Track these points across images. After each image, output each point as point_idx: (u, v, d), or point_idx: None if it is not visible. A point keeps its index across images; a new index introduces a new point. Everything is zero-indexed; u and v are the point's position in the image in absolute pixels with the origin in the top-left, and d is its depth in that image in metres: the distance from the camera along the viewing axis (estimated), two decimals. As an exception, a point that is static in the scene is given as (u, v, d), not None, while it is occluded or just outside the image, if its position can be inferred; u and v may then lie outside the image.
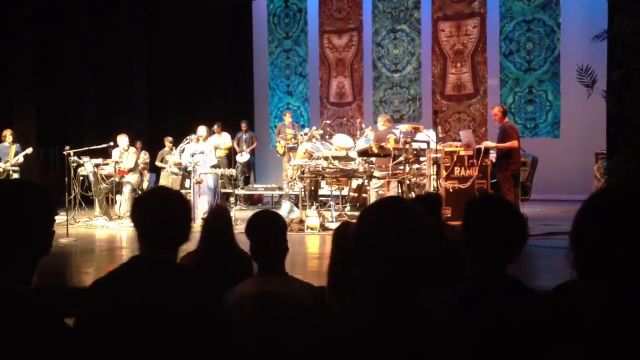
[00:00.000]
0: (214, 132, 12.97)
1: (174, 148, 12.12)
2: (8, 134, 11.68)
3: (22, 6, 12.74)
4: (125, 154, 10.84)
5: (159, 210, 2.18)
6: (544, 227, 8.93)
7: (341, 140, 10.23)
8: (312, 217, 8.96)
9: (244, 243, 3.05)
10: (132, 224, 2.24)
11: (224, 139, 13.50)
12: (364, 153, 9.40)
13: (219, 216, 3.76)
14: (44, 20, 13.30)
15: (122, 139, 10.84)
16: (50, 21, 13.47)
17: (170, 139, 12.97)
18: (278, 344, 2.45)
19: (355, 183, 10.50)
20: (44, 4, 13.18)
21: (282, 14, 15.63)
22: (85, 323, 2.11)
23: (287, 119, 13.30)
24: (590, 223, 1.66)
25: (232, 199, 10.83)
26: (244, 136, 13.90)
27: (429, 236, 1.58)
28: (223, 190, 10.73)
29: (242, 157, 13.72)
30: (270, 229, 2.81)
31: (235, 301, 2.58)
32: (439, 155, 8.70)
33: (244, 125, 13.96)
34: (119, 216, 10.71)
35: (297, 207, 9.89)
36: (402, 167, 8.92)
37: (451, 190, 8.34)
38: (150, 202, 2.26)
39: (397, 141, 9.36)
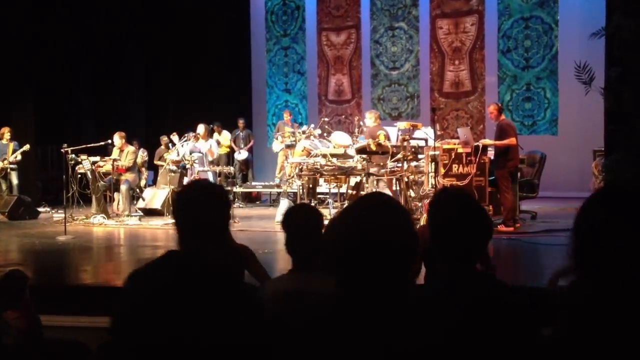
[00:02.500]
0: (213, 131, 12.98)
1: (170, 145, 12.12)
2: (6, 131, 11.68)
3: (20, 5, 12.71)
4: (121, 152, 10.82)
5: (198, 204, 2.13)
6: (542, 224, 8.95)
7: (339, 138, 10.22)
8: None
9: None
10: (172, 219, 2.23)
11: (224, 137, 13.50)
12: (362, 151, 9.39)
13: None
14: (42, 18, 13.28)
15: (115, 138, 10.84)
16: (48, 19, 13.46)
17: (165, 138, 12.95)
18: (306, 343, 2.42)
19: (353, 180, 10.49)
20: (42, 3, 13.17)
21: (280, 12, 15.61)
22: (121, 319, 2.11)
23: (286, 117, 13.31)
24: (591, 222, 1.65)
25: (230, 197, 10.82)
26: (241, 134, 13.89)
27: (408, 234, 1.57)
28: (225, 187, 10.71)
29: (240, 155, 13.72)
30: (308, 222, 2.74)
31: (268, 297, 2.52)
32: (437, 152, 8.70)
33: (241, 123, 13.95)
34: (116, 214, 10.71)
35: (292, 205, 9.88)
36: (399, 165, 8.92)
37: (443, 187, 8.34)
38: (190, 196, 2.21)
39: (387, 137, 9.38)
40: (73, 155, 10.33)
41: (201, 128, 11.25)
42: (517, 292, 2.04)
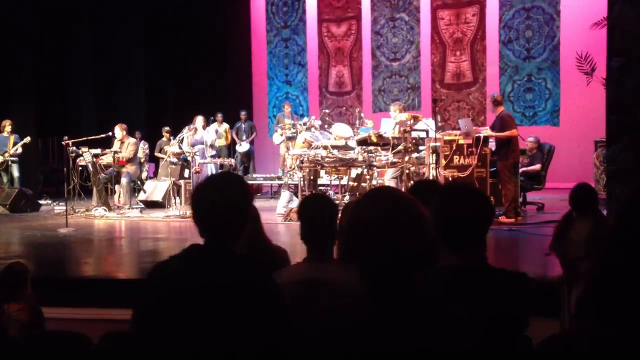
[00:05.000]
0: (214, 121, 12.97)
1: (171, 138, 12.11)
2: (7, 124, 11.67)
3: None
4: (122, 144, 10.81)
5: (218, 197, 2.12)
6: (543, 215, 8.95)
7: (340, 130, 10.21)
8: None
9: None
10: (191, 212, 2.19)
11: (223, 128, 13.49)
12: (363, 142, 9.39)
13: None
14: (44, 9, 13.25)
15: (117, 130, 10.83)
16: (49, 10, 13.42)
17: (167, 129, 12.96)
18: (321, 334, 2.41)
19: (354, 172, 10.49)
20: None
21: (280, 3, 15.56)
22: (143, 311, 2.11)
23: (287, 109, 13.30)
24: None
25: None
26: (243, 126, 13.87)
27: (421, 226, 1.56)
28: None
29: (242, 147, 13.71)
30: (324, 212, 2.73)
31: (284, 285, 2.52)
32: (438, 144, 8.68)
33: (243, 115, 13.94)
34: (117, 206, 10.72)
35: (297, 196, 9.88)
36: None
37: (450, 178, 8.33)
38: (210, 188, 2.19)
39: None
40: (74, 148, 10.32)
41: (200, 120, 11.22)
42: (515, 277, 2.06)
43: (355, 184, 10.70)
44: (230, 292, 2.01)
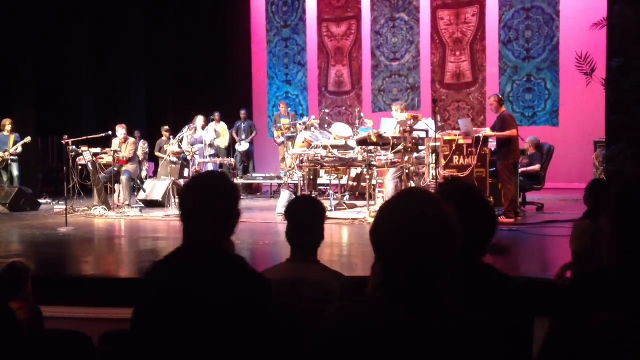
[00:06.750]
0: (212, 120, 12.97)
1: (171, 137, 12.11)
2: (7, 123, 11.67)
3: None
4: (123, 144, 10.83)
5: (205, 196, 2.14)
6: (543, 216, 8.96)
7: (340, 129, 10.21)
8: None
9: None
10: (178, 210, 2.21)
11: (221, 127, 13.48)
12: (362, 142, 9.39)
13: None
14: (43, 8, 13.24)
15: (120, 130, 10.83)
16: (49, 10, 13.42)
17: (167, 128, 12.96)
18: (302, 332, 2.44)
19: (354, 172, 10.50)
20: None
21: (280, 2, 15.56)
22: (141, 311, 2.14)
23: (282, 108, 13.32)
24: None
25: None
26: (243, 125, 13.87)
27: (453, 232, 1.54)
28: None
29: (241, 147, 13.70)
30: (310, 213, 2.77)
31: None
32: (438, 144, 8.69)
33: (243, 114, 13.93)
34: (117, 205, 10.72)
35: (296, 196, 9.89)
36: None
37: (450, 179, 8.33)
38: (197, 187, 2.21)
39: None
40: (74, 147, 10.32)
41: (200, 119, 11.23)
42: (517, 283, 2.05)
43: (355, 183, 10.72)
44: (225, 293, 2.02)
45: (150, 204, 10.90)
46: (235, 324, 2.00)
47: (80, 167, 10.60)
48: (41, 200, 11.88)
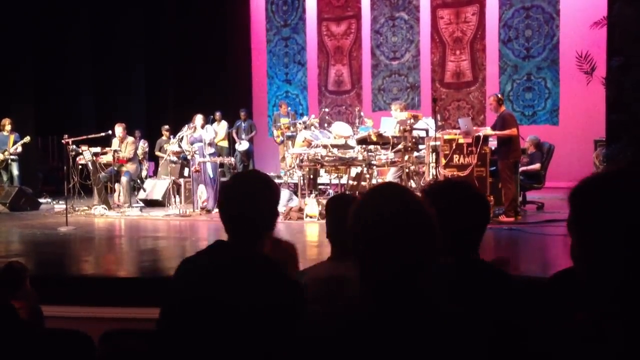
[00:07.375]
0: (213, 120, 12.96)
1: (171, 136, 12.11)
2: (7, 123, 11.67)
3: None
4: (122, 143, 10.82)
5: (244, 196, 2.11)
6: (543, 214, 8.95)
7: (340, 129, 10.21)
8: (311, 205, 8.96)
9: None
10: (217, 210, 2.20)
11: (221, 127, 13.48)
12: (362, 141, 9.39)
13: None
14: (42, 7, 13.24)
15: (117, 129, 10.83)
16: (48, 9, 13.41)
17: (167, 127, 12.96)
18: None
19: (354, 171, 10.49)
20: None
21: (280, 2, 15.56)
22: (168, 307, 2.11)
23: (283, 108, 13.32)
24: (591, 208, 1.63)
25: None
26: (243, 125, 13.87)
27: (429, 225, 1.55)
28: (222, 179, 10.72)
29: (241, 146, 13.70)
30: (347, 212, 2.78)
31: (305, 284, 2.52)
32: (438, 143, 8.68)
33: (242, 114, 13.93)
34: (117, 205, 10.72)
35: (296, 195, 9.88)
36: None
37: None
38: (236, 187, 2.18)
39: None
40: (74, 146, 10.33)
41: (199, 119, 11.21)
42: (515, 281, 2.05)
43: (355, 182, 10.70)
44: (257, 298, 1.98)
45: (150, 203, 10.90)
46: (264, 330, 1.96)
47: (80, 166, 10.60)
48: (41, 200, 11.88)
